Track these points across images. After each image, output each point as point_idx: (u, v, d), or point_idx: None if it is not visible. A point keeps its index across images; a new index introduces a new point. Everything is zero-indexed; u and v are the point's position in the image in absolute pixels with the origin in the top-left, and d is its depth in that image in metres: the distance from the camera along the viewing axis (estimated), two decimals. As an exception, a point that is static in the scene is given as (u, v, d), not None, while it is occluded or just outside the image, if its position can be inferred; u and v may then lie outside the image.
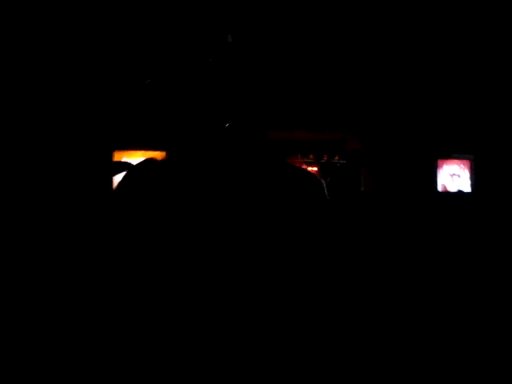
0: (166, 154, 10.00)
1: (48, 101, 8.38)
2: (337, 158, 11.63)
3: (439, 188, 11.20)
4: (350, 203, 3.41)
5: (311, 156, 11.50)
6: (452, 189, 11.15)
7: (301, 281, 2.34)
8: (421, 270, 3.06)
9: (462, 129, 11.02)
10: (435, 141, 11.14)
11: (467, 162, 11.58)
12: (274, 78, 10.23)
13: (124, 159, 9.77)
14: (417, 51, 10.00)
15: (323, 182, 3.25)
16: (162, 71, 9.65)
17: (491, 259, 3.48)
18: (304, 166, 11.56)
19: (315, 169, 11.40)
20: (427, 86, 10.59)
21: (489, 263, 3.36)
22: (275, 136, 11.17)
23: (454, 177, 11.44)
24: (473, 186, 11.37)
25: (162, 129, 9.86)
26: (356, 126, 11.09)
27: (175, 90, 9.92)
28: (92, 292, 1.66)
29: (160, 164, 1.93)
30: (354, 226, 3.13)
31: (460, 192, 9.53)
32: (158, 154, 10.10)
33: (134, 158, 9.80)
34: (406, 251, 3.15)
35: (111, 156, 9.50)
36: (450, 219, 4.39)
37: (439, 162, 11.41)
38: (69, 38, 8.42)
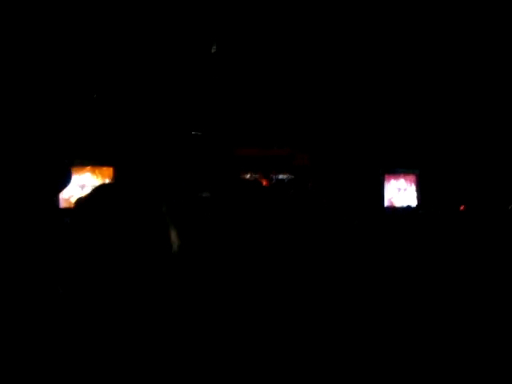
0: (114, 170, 9.90)
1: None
2: (285, 173, 11.68)
3: (386, 202, 11.34)
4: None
5: (260, 173, 11.52)
6: (399, 203, 11.29)
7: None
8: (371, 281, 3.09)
9: (408, 145, 11.20)
10: (382, 156, 11.29)
11: (413, 177, 11.76)
12: (224, 94, 10.24)
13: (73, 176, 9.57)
14: (363, 70, 10.14)
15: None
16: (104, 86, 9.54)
17: (439, 269, 3.54)
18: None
19: (264, 183, 11.43)
20: (374, 104, 10.75)
21: (437, 272, 3.42)
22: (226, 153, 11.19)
23: (400, 191, 11.59)
24: (419, 199, 11.54)
25: (109, 144, 9.74)
26: (304, 142, 11.16)
27: (121, 106, 9.83)
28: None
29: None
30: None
31: (408, 207, 9.69)
32: (105, 170, 9.99)
33: (82, 173, 9.66)
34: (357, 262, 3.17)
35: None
36: (397, 233, 4.45)
37: (386, 176, 11.55)
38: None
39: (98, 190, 1.82)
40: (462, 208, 7.37)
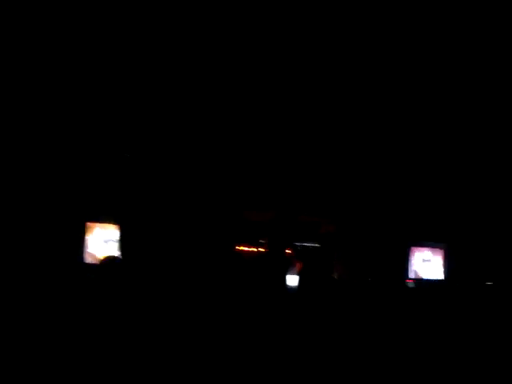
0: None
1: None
2: (311, 241, 11.64)
3: (411, 274, 11.24)
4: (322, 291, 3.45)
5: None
6: (424, 275, 11.21)
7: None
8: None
9: (435, 217, 11.16)
10: (408, 228, 11.24)
11: (440, 250, 11.68)
12: (254, 162, 10.32)
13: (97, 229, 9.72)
14: (391, 139, 10.18)
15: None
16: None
17: (464, 345, 3.48)
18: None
19: (289, 251, 11.36)
20: (403, 177, 10.77)
21: (462, 348, 3.36)
22: (251, 217, 11.21)
23: (425, 262, 11.50)
24: (446, 272, 11.43)
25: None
26: (331, 211, 11.16)
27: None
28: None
29: None
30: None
31: (434, 280, 9.59)
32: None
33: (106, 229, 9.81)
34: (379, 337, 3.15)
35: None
36: (423, 306, 4.40)
37: (412, 248, 11.50)
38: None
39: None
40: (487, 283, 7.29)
